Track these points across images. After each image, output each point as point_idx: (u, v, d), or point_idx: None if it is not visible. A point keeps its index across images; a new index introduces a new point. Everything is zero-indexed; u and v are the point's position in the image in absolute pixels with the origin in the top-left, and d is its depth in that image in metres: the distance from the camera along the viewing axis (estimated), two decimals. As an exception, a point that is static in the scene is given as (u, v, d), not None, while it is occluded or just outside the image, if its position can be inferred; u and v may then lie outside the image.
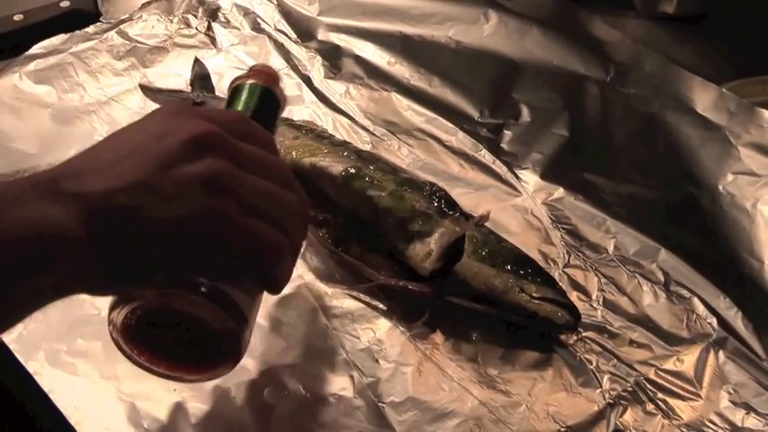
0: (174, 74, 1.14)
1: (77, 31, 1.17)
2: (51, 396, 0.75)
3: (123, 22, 1.20)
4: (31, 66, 1.11)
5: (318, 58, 1.16)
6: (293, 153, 0.94)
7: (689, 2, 1.20)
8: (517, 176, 0.98)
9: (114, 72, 1.12)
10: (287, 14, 1.23)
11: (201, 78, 1.12)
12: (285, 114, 1.05)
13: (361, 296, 0.85)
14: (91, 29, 1.18)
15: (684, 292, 0.85)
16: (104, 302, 0.82)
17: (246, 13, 1.23)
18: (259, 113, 0.75)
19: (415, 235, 0.84)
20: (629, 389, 0.77)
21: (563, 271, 0.87)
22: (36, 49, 1.14)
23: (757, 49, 1.11)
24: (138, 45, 1.17)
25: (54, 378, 0.76)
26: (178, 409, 0.75)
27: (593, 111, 1.06)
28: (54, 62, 1.12)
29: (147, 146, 0.56)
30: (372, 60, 1.15)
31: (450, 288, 0.82)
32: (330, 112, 1.08)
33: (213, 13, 1.23)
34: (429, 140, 1.03)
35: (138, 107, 1.07)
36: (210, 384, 0.76)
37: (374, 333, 0.82)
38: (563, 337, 0.81)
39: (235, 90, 0.78)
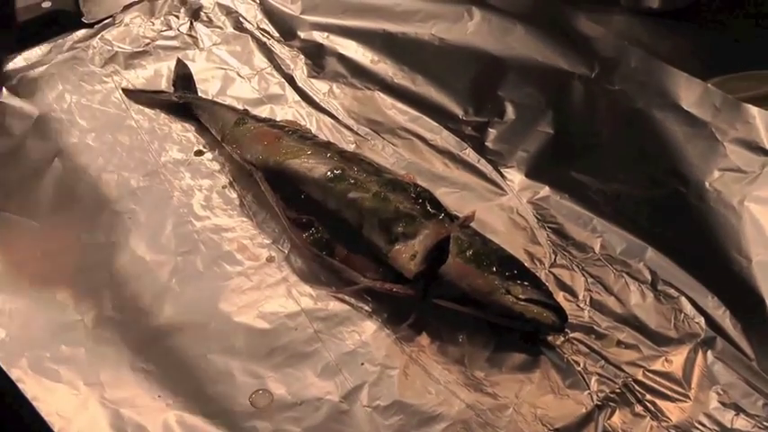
0: (157, 76, 1.13)
1: (59, 40, 1.17)
2: (34, 403, 0.74)
3: (105, 27, 1.20)
4: (15, 80, 1.11)
5: (301, 56, 1.16)
6: (276, 155, 0.93)
7: (673, -3, 1.19)
8: (502, 175, 0.98)
9: (97, 79, 1.12)
10: (269, 13, 1.23)
11: (184, 79, 1.12)
12: (267, 114, 1.05)
13: (347, 298, 0.85)
14: (73, 36, 1.18)
15: (672, 292, 0.84)
16: (87, 308, 0.83)
17: (229, 12, 1.23)
18: None
19: (400, 236, 0.83)
20: (618, 390, 0.76)
21: (549, 271, 0.87)
22: (19, 61, 1.14)
23: (742, 45, 1.10)
24: (120, 50, 1.17)
25: (37, 385, 0.76)
26: (162, 416, 0.74)
27: (578, 108, 1.05)
28: (37, 74, 1.12)
29: None
30: (355, 59, 1.15)
31: (436, 290, 0.81)
32: (313, 112, 1.08)
33: (195, 13, 1.23)
34: (413, 139, 1.03)
35: (121, 110, 1.07)
36: (195, 390, 0.75)
37: (360, 336, 0.81)
38: (550, 338, 0.80)
39: None
